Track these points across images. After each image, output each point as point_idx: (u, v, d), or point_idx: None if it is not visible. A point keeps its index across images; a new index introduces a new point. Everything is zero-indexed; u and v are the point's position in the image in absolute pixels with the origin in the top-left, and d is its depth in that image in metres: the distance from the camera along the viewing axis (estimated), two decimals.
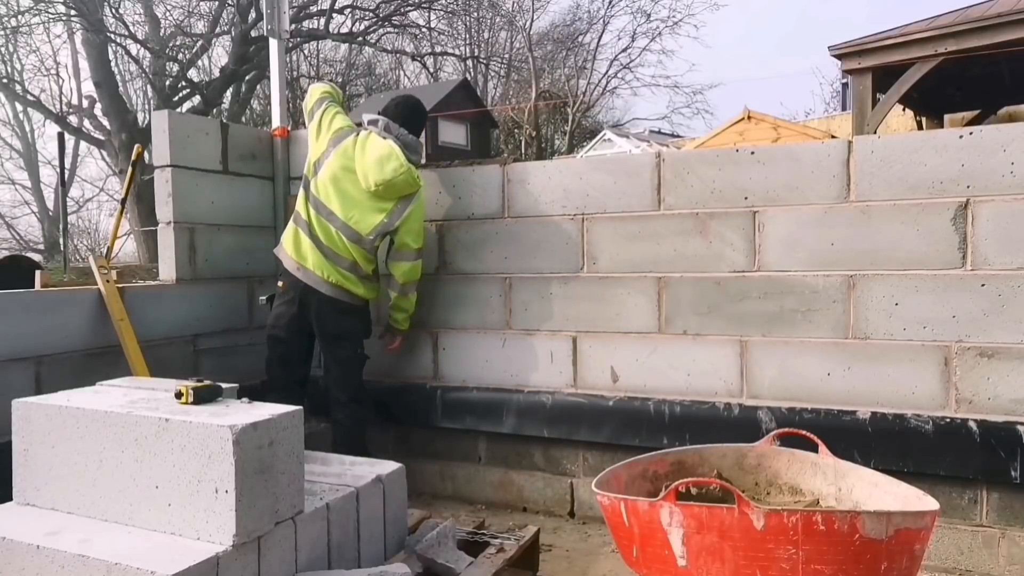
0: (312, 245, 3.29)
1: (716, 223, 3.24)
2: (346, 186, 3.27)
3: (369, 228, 3.28)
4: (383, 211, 3.28)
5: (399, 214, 3.30)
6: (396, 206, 3.29)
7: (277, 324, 3.39)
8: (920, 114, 10.26)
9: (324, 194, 3.29)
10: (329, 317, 3.34)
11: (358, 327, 3.45)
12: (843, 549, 2.01)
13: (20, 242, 23.85)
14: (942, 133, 2.96)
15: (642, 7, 32.36)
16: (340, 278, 3.29)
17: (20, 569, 1.95)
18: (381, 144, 3.28)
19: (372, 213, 3.27)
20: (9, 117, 26.12)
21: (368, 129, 3.37)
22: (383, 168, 3.22)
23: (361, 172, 3.25)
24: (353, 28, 20.80)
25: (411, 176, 3.27)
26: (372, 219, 3.27)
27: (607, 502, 2.32)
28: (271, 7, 4.08)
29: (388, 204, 3.28)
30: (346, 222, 3.26)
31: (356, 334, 3.45)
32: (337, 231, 3.27)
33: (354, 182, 3.27)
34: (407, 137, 3.35)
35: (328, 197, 3.28)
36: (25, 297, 2.99)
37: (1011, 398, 2.82)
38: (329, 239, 3.28)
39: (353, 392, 3.45)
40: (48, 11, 17.05)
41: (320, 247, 3.28)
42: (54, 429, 2.14)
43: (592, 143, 20.14)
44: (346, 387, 3.43)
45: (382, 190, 3.24)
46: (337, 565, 2.30)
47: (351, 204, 3.27)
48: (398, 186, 3.25)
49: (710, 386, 3.28)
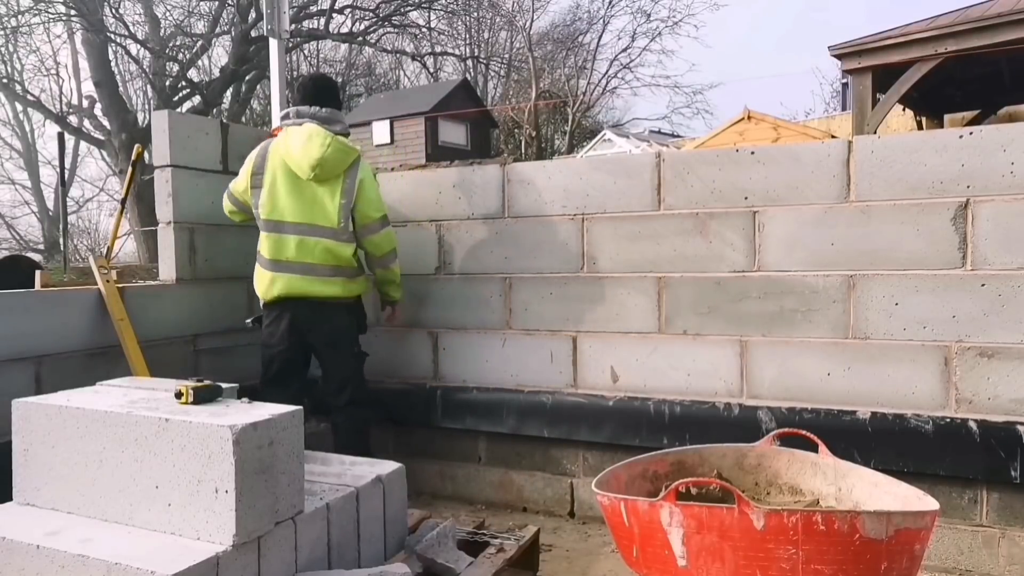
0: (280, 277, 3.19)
1: (716, 223, 3.24)
2: (294, 190, 3.17)
3: (336, 217, 3.17)
4: (336, 192, 3.17)
5: (352, 188, 3.20)
6: (345, 183, 3.19)
7: (270, 342, 3.30)
8: (920, 114, 10.26)
9: (278, 212, 3.18)
10: (321, 320, 3.26)
11: (352, 326, 3.38)
12: (843, 549, 2.01)
13: (20, 242, 23.84)
14: (942, 133, 2.96)
15: (642, 7, 32.32)
16: (322, 287, 3.21)
17: (20, 569, 1.95)
18: (298, 131, 3.18)
19: (328, 200, 3.17)
20: (9, 117, 26.13)
21: (282, 126, 3.30)
22: (309, 150, 3.11)
23: (296, 166, 3.15)
24: (353, 28, 20.80)
25: (340, 145, 3.17)
26: (332, 206, 3.17)
27: (607, 502, 2.32)
28: (271, 7, 4.08)
29: (337, 184, 3.18)
30: (314, 223, 3.17)
31: (351, 333, 3.38)
32: (314, 238, 3.17)
33: (297, 182, 3.17)
34: (320, 113, 3.23)
35: (283, 212, 3.18)
36: (25, 297, 2.99)
37: (1011, 398, 2.82)
38: (303, 253, 3.17)
39: (353, 393, 3.37)
40: (48, 11, 17.04)
41: (292, 270, 3.18)
42: (54, 429, 2.14)
43: (592, 143, 20.13)
44: (346, 389, 3.35)
45: (320, 171, 3.12)
46: (337, 565, 2.30)
47: (307, 203, 3.17)
48: (332, 160, 3.14)
49: (710, 386, 3.28)
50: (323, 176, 3.16)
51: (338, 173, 3.18)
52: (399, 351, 3.92)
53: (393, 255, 3.40)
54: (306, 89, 3.33)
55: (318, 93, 3.30)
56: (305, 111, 3.23)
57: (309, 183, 3.17)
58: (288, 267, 3.20)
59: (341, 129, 3.27)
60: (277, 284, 3.21)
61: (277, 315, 3.27)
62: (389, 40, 22.31)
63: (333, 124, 3.24)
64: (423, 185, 3.84)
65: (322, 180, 3.17)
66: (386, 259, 3.38)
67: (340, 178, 3.19)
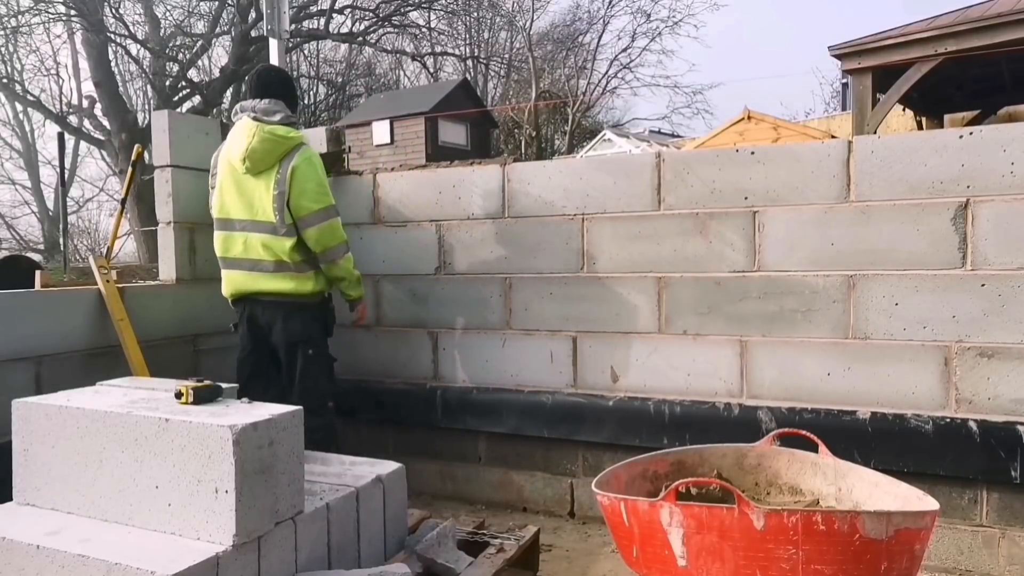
0: (228, 274, 3.19)
1: (716, 223, 3.24)
2: (237, 187, 3.12)
3: (269, 209, 3.06)
4: (270, 184, 3.06)
5: (284, 177, 3.05)
6: (278, 173, 3.06)
7: (240, 344, 3.27)
8: (920, 114, 10.26)
9: (227, 207, 3.15)
10: (278, 321, 3.16)
11: (314, 328, 3.22)
12: (843, 549, 2.01)
13: (20, 242, 23.83)
14: (942, 133, 2.96)
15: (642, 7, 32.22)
16: (267, 282, 3.13)
17: (20, 569, 1.95)
18: (237, 127, 3.13)
19: (264, 192, 3.07)
20: (9, 117, 26.11)
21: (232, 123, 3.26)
22: (241, 143, 3.06)
23: (235, 163, 3.10)
24: (353, 28, 20.82)
25: (267, 135, 3.05)
26: (267, 198, 3.07)
27: (607, 502, 2.32)
28: (271, 7, 4.08)
29: (271, 175, 3.07)
30: (255, 218, 3.10)
31: (313, 335, 3.21)
32: (256, 235, 3.10)
33: (239, 179, 3.11)
34: (259, 105, 3.12)
35: (231, 207, 3.14)
36: (25, 297, 2.99)
37: (1011, 398, 2.82)
38: (245, 250, 3.13)
39: (319, 399, 3.13)
40: (48, 11, 17.05)
41: (238, 268, 3.16)
42: (54, 429, 2.14)
43: (592, 143, 20.11)
44: (310, 397, 3.01)
45: (250, 163, 3.05)
46: (337, 565, 2.30)
47: (246, 198, 3.11)
48: (260, 150, 3.04)
49: (710, 386, 3.28)
50: (255, 168, 3.06)
51: (270, 164, 3.07)
52: (399, 351, 3.92)
53: (341, 249, 3.19)
54: (251, 83, 3.26)
55: (262, 86, 3.20)
56: (247, 105, 3.15)
57: (248, 178, 3.09)
58: (236, 264, 3.17)
59: (282, 119, 3.13)
60: (227, 282, 3.22)
61: (239, 317, 3.26)
62: (389, 40, 22.34)
63: (272, 115, 3.11)
64: (423, 185, 3.84)
65: (256, 173, 3.07)
66: (330, 254, 3.16)
67: (274, 168, 3.07)
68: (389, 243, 3.92)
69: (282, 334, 3.17)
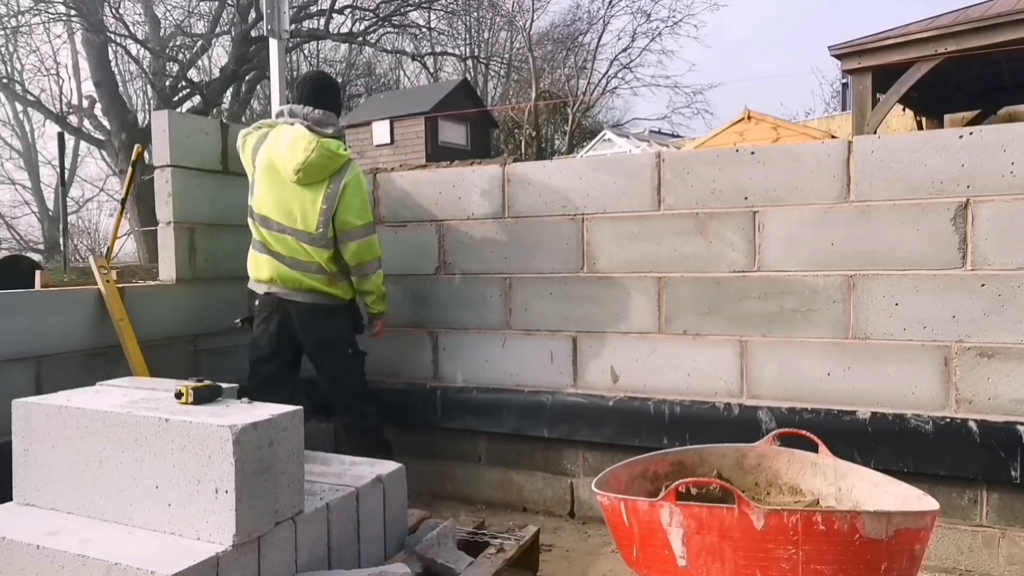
0: (271, 260, 3.18)
1: (716, 223, 3.24)
2: (279, 191, 3.14)
3: (315, 222, 3.12)
4: (318, 198, 3.11)
5: (335, 193, 3.12)
6: (328, 188, 3.12)
7: (259, 344, 3.26)
8: (920, 114, 10.26)
9: (267, 208, 3.16)
10: (314, 324, 3.22)
11: (346, 327, 3.33)
12: (843, 549, 2.01)
13: (20, 242, 23.83)
14: (942, 133, 2.96)
15: (642, 7, 32.33)
16: (312, 283, 3.17)
17: (20, 569, 1.95)
18: (288, 131, 3.14)
19: (310, 205, 3.11)
20: (9, 117, 26.13)
21: (277, 123, 3.25)
22: (294, 153, 3.07)
23: (282, 168, 3.11)
24: (353, 28, 20.82)
25: (327, 150, 3.09)
26: (313, 211, 3.11)
27: (607, 502, 2.32)
28: (271, 7, 4.08)
29: (320, 189, 3.11)
30: (294, 226, 3.13)
31: (346, 334, 3.33)
32: (294, 239, 3.14)
33: (282, 183, 3.13)
34: (314, 114, 3.15)
35: (270, 209, 3.16)
36: (25, 297, 2.99)
37: (1011, 398, 2.82)
38: (289, 249, 3.16)
39: (360, 393, 3.35)
40: (48, 11, 17.05)
41: (282, 260, 3.16)
42: (54, 429, 2.14)
43: (592, 143, 20.13)
44: (350, 392, 3.32)
45: (303, 175, 3.08)
46: (337, 565, 2.30)
47: (291, 205, 3.13)
48: (317, 165, 3.08)
49: (710, 386, 3.28)
50: (307, 180, 3.10)
51: (323, 178, 3.12)
52: (399, 351, 3.92)
53: (374, 265, 3.29)
54: (303, 88, 3.26)
55: (314, 93, 3.23)
56: (298, 111, 3.17)
57: (293, 186, 3.12)
58: (278, 256, 3.19)
59: (334, 132, 3.18)
60: (264, 266, 3.21)
61: (268, 315, 3.24)
62: (389, 40, 22.34)
63: (325, 127, 3.15)
64: (423, 185, 3.84)
65: (306, 184, 3.11)
66: (364, 268, 3.25)
67: (325, 183, 3.13)
68: (389, 243, 3.91)
69: (320, 335, 3.25)
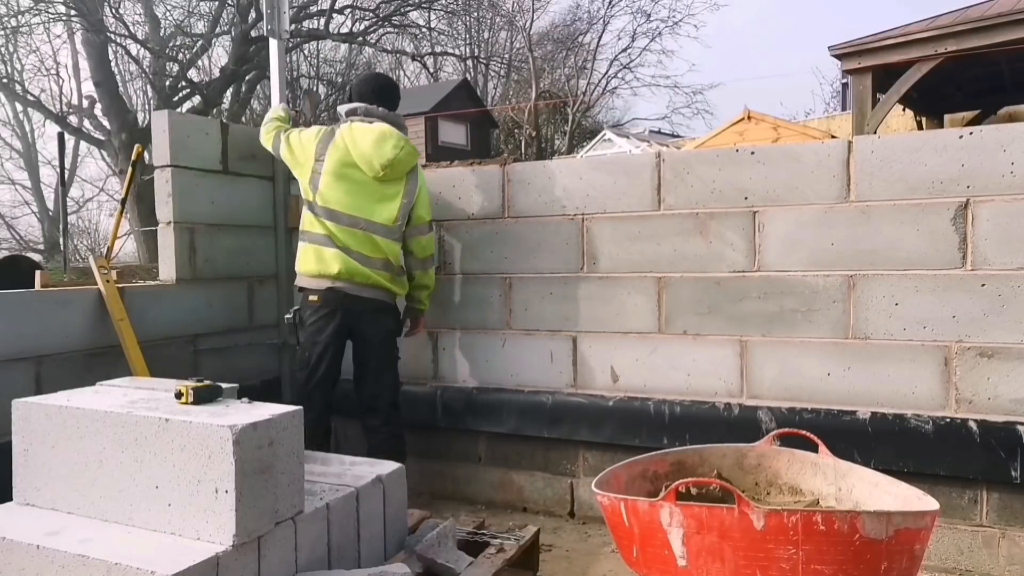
0: (339, 254, 3.16)
1: (716, 223, 3.24)
2: (355, 186, 3.19)
3: (394, 215, 3.23)
4: (398, 193, 3.25)
5: (414, 189, 3.30)
6: (407, 184, 3.28)
7: (318, 340, 3.22)
8: (920, 114, 10.26)
9: (337, 203, 3.19)
10: (377, 320, 3.28)
11: (398, 325, 3.44)
12: (843, 549, 2.01)
13: (20, 242, 23.84)
14: (942, 133, 2.96)
15: (642, 7, 32.36)
16: (378, 279, 3.22)
17: (20, 569, 1.95)
18: (370, 129, 3.22)
19: (390, 200, 3.23)
20: (9, 117, 26.12)
21: (349, 121, 3.30)
22: (383, 149, 3.17)
23: (364, 163, 3.18)
24: (353, 28, 20.79)
25: (411, 148, 3.27)
26: (393, 205, 3.23)
27: (607, 502, 2.32)
28: (271, 7, 4.07)
29: (399, 185, 3.26)
30: (371, 219, 3.19)
31: (398, 332, 3.44)
32: (366, 232, 3.18)
33: (360, 178, 3.19)
34: (388, 115, 3.31)
35: (342, 204, 3.18)
36: (25, 297, 2.99)
37: (1011, 398, 2.82)
38: (359, 243, 3.18)
39: (397, 393, 3.42)
40: (48, 11, 17.03)
41: (350, 254, 3.17)
42: (54, 429, 2.14)
43: (592, 143, 20.13)
44: (392, 391, 3.39)
45: (389, 171, 3.19)
46: (337, 565, 2.30)
47: (368, 200, 3.20)
48: (403, 161, 3.23)
49: (710, 386, 3.28)
50: (390, 176, 3.22)
51: (402, 174, 3.27)
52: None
53: (433, 260, 3.46)
54: (376, 90, 3.38)
55: (386, 94, 3.39)
56: (375, 111, 3.30)
57: (370, 180, 3.21)
58: (346, 250, 3.18)
59: (405, 132, 3.35)
60: (337, 261, 3.17)
61: (330, 311, 3.21)
62: (389, 40, 22.31)
63: (400, 127, 3.32)
64: None
65: (385, 180, 3.22)
66: (428, 262, 3.43)
67: (403, 179, 3.27)
68: None
69: (382, 331, 3.31)
